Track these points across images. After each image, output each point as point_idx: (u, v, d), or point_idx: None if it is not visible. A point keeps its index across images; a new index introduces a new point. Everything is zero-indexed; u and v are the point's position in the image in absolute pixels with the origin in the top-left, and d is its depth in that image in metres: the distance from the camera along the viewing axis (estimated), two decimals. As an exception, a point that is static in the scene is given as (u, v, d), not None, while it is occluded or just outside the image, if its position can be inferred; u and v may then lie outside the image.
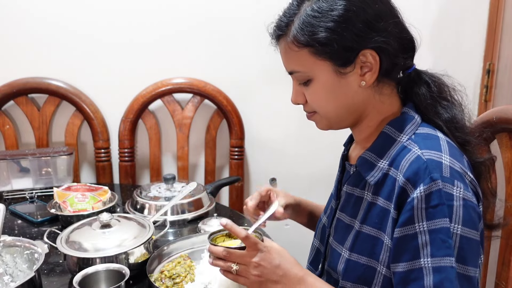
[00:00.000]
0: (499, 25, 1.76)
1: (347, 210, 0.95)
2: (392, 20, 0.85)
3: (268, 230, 1.37)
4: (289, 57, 0.89)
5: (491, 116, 1.04)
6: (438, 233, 0.77)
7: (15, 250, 1.08)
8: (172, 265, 1.13)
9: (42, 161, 1.64)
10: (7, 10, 1.71)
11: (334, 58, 0.84)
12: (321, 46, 0.83)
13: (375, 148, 0.90)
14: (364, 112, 0.91)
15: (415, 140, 0.85)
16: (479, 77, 1.86)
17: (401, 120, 0.89)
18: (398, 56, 0.86)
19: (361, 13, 0.82)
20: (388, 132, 0.89)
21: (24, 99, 1.77)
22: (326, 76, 0.86)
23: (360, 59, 0.84)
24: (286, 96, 1.86)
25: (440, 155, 0.81)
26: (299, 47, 0.85)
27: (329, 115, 0.91)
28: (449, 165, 0.80)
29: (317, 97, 0.89)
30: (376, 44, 0.83)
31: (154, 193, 1.50)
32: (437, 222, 0.77)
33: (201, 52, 1.81)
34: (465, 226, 0.78)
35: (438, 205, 0.77)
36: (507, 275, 1.01)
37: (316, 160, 1.94)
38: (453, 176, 0.79)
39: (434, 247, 0.77)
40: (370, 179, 0.89)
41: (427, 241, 0.77)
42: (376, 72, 0.86)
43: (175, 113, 1.84)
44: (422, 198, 0.78)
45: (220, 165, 1.94)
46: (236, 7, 1.78)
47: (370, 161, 0.90)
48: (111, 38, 1.77)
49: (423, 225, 0.78)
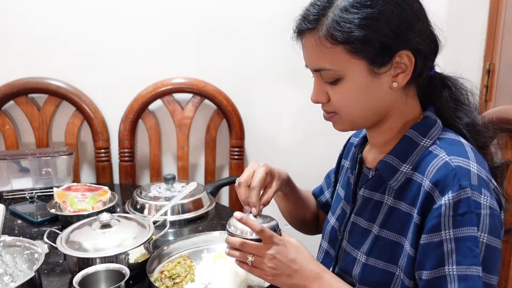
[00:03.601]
0: (499, 25, 1.76)
1: (365, 214, 0.93)
2: (426, 21, 0.84)
3: (268, 230, 1.37)
4: (318, 54, 0.83)
5: (491, 116, 1.04)
6: (466, 242, 0.76)
7: (15, 250, 1.08)
8: (172, 265, 1.13)
9: (42, 161, 1.64)
10: (7, 10, 1.71)
11: (371, 58, 0.80)
12: (361, 44, 0.79)
13: (398, 152, 0.88)
14: (388, 113, 0.88)
15: (441, 146, 0.84)
16: (479, 77, 1.86)
17: (424, 124, 0.87)
18: (428, 59, 0.85)
19: (401, 11, 0.79)
20: (411, 136, 0.87)
21: (24, 99, 1.77)
22: (359, 75, 0.82)
23: (396, 60, 0.81)
24: (286, 96, 1.87)
25: (468, 162, 0.80)
26: (333, 43, 0.80)
27: (354, 116, 0.87)
28: (477, 173, 0.79)
29: (345, 96, 0.85)
30: (413, 45, 0.81)
31: (154, 193, 1.50)
32: (464, 230, 0.76)
33: (201, 52, 1.81)
34: (491, 235, 0.77)
35: (466, 213, 0.76)
36: (507, 275, 1.01)
37: (316, 160, 1.93)
38: (481, 184, 0.78)
39: (460, 255, 0.76)
40: (393, 184, 0.87)
41: (453, 249, 0.76)
42: (409, 74, 0.83)
43: (175, 113, 1.84)
44: (450, 205, 0.77)
45: (220, 165, 1.94)
46: (236, 7, 1.78)
47: (393, 165, 0.87)
48: (111, 38, 1.77)
49: (449, 233, 0.77)
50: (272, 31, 1.78)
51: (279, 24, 1.78)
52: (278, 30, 1.77)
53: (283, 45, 1.76)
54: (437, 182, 0.79)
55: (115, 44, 1.78)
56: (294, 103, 1.88)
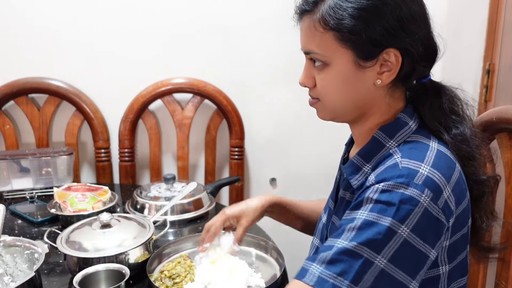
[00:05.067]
0: (499, 25, 1.76)
1: (339, 214, 0.94)
2: (423, 24, 0.83)
3: (269, 231, 1.37)
4: (310, 36, 0.85)
5: (491, 116, 1.04)
6: (372, 226, 0.75)
7: (15, 250, 1.08)
8: (172, 265, 1.13)
9: (42, 161, 1.64)
10: (7, 10, 1.71)
11: (358, 49, 0.81)
12: (349, 33, 0.80)
13: (364, 152, 0.89)
14: (369, 110, 0.88)
15: (401, 148, 0.83)
16: (479, 77, 1.86)
17: (393, 125, 0.87)
18: (420, 63, 0.84)
19: (397, 9, 0.79)
20: (378, 137, 0.87)
21: (24, 99, 1.77)
22: (344, 65, 0.83)
23: (382, 56, 0.82)
24: (286, 96, 1.87)
25: (419, 165, 0.78)
26: (325, 28, 0.81)
27: (334, 105, 0.88)
28: (427, 174, 0.77)
29: (328, 83, 0.86)
30: (403, 45, 0.81)
31: (154, 193, 1.50)
32: (379, 217, 0.75)
33: (201, 52, 1.81)
34: (415, 233, 0.75)
35: (389, 204, 0.75)
36: (507, 275, 1.01)
37: (316, 160, 1.94)
38: (426, 185, 0.76)
39: (358, 235, 0.75)
40: (354, 183, 0.88)
41: (356, 226, 0.76)
42: (394, 74, 0.83)
43: (175, 113, 1.84)
44: (377, 190, 0.77)
45: (220, 165, 1.94)
46: (236, 7, 1.78)
47: (357, 165, 0.89)
48: (111, 38, 1.77)
49: (363, 213, 0.76)
50: (272, 31, 1.79)
51: (279, 24, 1.78)
52: (278, 30, 1.78)
53: (283, 45, 1.78)
54: (380, 180, 0.79)
55: (115, 44, 1.78)
56: (294, 103, 1.87)
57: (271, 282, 1.04)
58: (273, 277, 1.09)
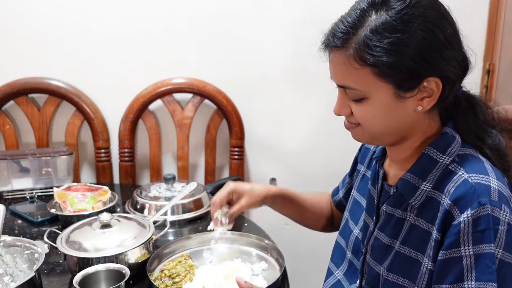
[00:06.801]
0: (499, 25, 1.76)
1: (387, 230, 0.93)
2: (458, 46, 0.83)
3: (269, 230, 1.37)
4: (345, 71, 0.82)
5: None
6: (484, 258, 0.76)
7: (15, 250, 1.08)
8: (172, 265, 1.14)
9: (42, 161, 1.64)
10: (7, 10, 1.71)
11: (398, 82, 0.79)
12: (387, 68, 0.78)
13: (417, 169, 0.88)
14: (410, 133, 0.88)
15: (460, 163, 0.84)
16: (479, 77, 1.86)
17: (443, 141, 0.86)
18: (457, 83, 0.84)
19: (434, 39, 0.78)
20: (430, 154, 0.86)
21: (24, 99, 1.77)
22: (384, 98, 0.81)
23: (422, 85, 0.80)
24: (286, 96, 1.87)
25: (488, 179, 0.80)
26: (361, 64, 0.79)
27: (375, 132, 0.87)
28: (498, 189, 0.79)
29: (367, 115, 0.85)
30: (442, 72, 0.80)
31: (154, 193, 1.50)
32: (484, 247, 0.76)
33: (201, 52, 1.81)
34: (506, 250, 0.77)
35: (486, 230, 0.76)
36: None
37: (316, 160, 1.94)
38: (501, 200, 0.78)
39: (478, 272, 0.76)
40: (414, 202, 0.87)
41: (472, 265, 0.77)
42: (435, 100, 0.82)
43: (175, 113, 1.84)
44: (470, 222, 0.77)
45: (220, 165, 1.94)
46: (236, 7, 1.78)
47: (413, 184, 0.87)
48: (111, 38, 1.77)
49: (469, 249, 0.77)
50: (273, 31, 1.79)
51: (279, 24, 1.79)
52: (279, 30, 1.78)
53: (283, 45, 1.78)
54: (456, 200, 0.79)
55: (115, 44, 1.78)
56: (294, 102, 1.88)
57: (271, 282, 1.04)
58: (273, 277, 1.09)
